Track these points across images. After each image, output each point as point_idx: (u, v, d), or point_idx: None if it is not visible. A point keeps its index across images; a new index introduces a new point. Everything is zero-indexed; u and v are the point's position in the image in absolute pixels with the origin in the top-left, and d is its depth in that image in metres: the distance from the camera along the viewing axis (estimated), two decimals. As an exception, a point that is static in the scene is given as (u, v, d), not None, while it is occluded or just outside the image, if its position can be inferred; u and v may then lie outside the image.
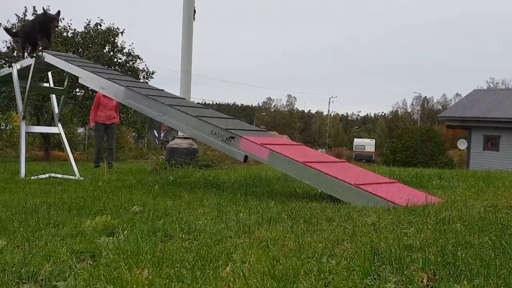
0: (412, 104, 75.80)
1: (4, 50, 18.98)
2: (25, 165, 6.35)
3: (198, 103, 11.35)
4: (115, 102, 8.90)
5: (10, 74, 6.91)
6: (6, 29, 10.42)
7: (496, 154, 21.56)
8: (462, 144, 23.89)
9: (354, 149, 48.07)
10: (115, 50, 19.91)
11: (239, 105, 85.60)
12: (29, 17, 19.37)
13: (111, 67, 17.86)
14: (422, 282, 1.67)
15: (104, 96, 8.70)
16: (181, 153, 7.35)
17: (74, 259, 2.01)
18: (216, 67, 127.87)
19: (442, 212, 2.87)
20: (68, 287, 1.71)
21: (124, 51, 20.00)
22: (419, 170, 6.58)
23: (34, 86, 7.08)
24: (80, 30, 19.58)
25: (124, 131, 29.09)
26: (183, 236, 2.46)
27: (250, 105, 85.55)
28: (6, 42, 19.32)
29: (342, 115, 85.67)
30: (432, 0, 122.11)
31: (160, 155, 8.18)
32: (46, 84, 7.38)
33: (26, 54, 6.79)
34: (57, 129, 6.90)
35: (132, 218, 2.95)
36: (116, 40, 19.73)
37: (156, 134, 47.97)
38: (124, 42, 20.17)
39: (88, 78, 5.97)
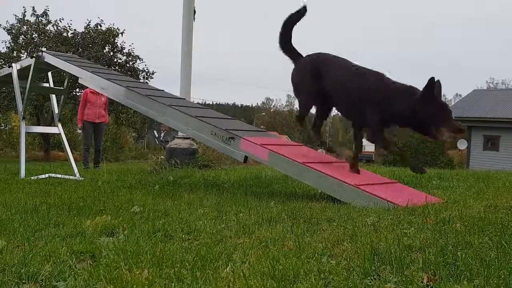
0: (412, 104, 75.69)
1: (3, 50, 18.98)
2: (25, 165, 6.35)
3: (198, 103, 11.35)
4: (104, 99, 8.75)
5: (10, 74, 6.91)
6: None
7: (496, 154, 21.58)
8: (462, 144, 23.91)
9: (354, 149, 48.07)
10: (115, 50, 19.93)
11: (239, 105, 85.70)
12: (28, 17, 19.34)
13: (111, 67, 17.87)
14: (422, 282, 1.67)
15: (92, 92, 8.59)
16: (181, 153, 7.35)
17: (74, 259, 2.01)
18: (216, 67, 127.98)
19: (442, 212, 2.87)
20: (68, 287, 1.71)
21: (124, 51, 20.04)
22: (419, 170, 6.57)
23: (34, 86, 7.08)
24: (80, 31, 19.59)
25: (124, 131, 29.11)
26: (183, 236, 2.46)
27: (250, 105, 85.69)
28: (5, 42, 19.34)
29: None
30: (432, 0, 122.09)
31: (160, 155, 8.18)
32: (46, 84, 7.38)
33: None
34: (57, 129, 6.90)
35: (132, 218, 2.95)
36: (116, 41, 19.75)
37: (156, 134, 47.99)
38: (124, 43, 20.21)
39: (88, 78, 5.97)
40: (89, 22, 19.72)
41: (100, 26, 19.67)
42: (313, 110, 4.39)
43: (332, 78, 4.00)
